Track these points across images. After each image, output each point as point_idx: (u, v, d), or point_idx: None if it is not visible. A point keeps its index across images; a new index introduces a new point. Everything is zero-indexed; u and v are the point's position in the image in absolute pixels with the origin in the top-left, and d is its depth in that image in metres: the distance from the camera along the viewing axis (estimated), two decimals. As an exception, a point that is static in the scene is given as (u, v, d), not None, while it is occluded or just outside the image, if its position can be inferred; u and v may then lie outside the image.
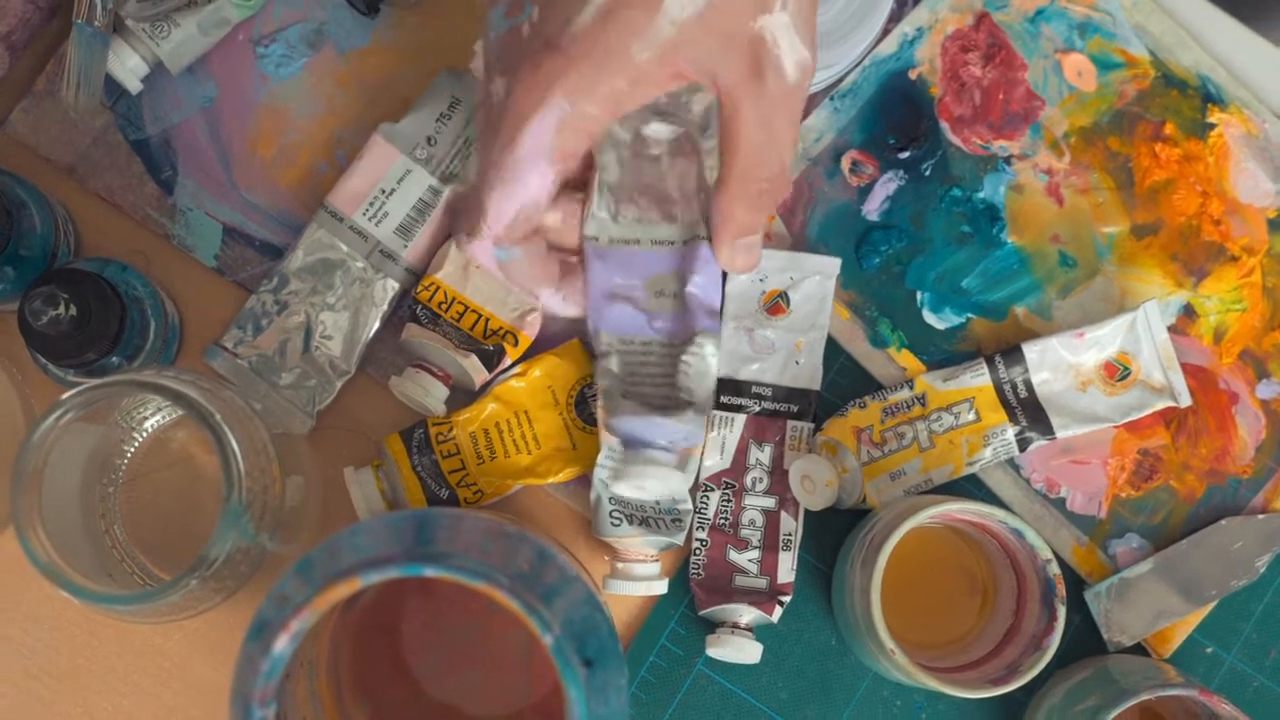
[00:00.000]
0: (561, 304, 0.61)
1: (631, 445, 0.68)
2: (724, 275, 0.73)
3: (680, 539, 0.76)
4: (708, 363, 0.68)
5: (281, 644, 0.56)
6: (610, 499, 0.75)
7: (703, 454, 0.77)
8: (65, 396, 0.63)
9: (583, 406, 0.77)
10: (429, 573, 0.56)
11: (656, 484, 0.70)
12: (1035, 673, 0.70)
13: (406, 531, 0.61)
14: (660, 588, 0.76)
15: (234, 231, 0.79)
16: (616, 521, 0.75)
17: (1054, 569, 0.70)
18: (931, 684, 0.70)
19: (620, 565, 0.76)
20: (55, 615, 0.77)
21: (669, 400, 0.67)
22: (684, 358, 0.67)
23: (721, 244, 0.57)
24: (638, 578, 0.76)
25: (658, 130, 0.64)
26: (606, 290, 0.68)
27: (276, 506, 0.68)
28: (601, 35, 0.49)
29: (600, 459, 0.75)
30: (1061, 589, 0.70)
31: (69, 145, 0.79)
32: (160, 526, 0.76)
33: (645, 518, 0.75)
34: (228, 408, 0.66)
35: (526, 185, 0.53)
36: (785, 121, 0.52)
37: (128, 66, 0.77)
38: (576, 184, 0.65)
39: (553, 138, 0.51)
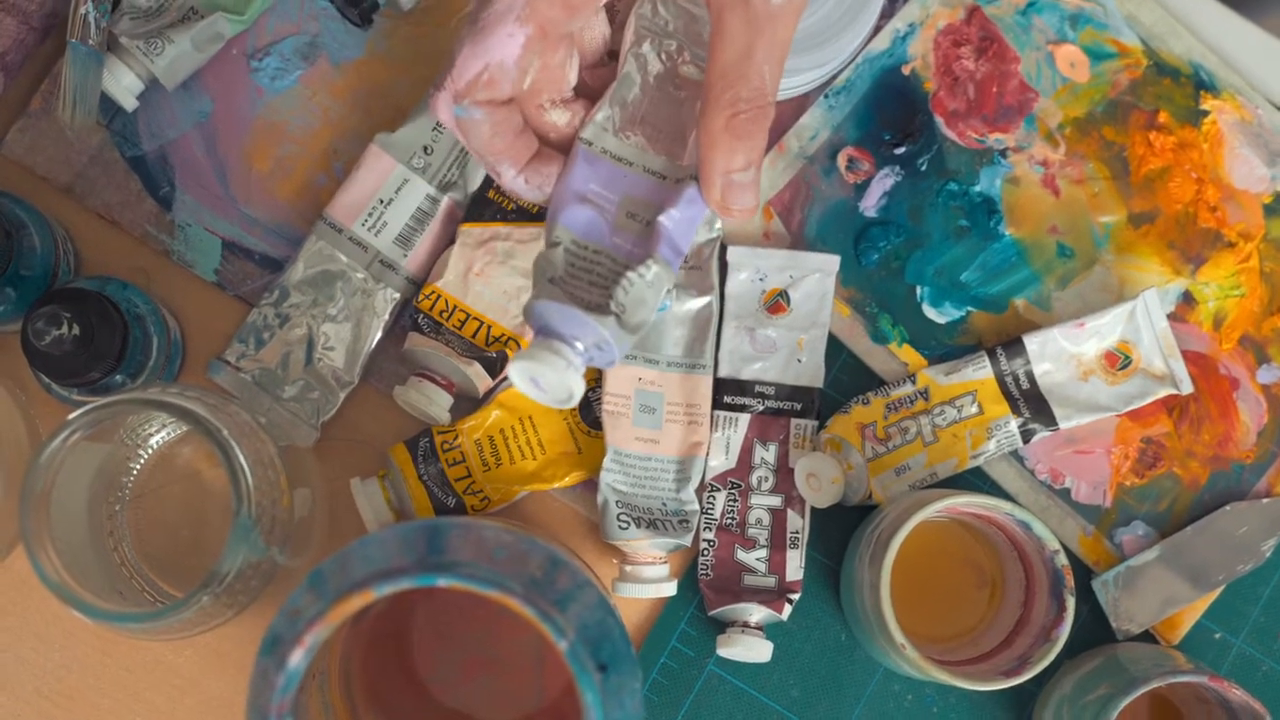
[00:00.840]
0: (524, 187, 0.59)
1: (542, 332, 0.62)
2: (703, 229, 0.74)
3: (688, 540, 0.76)
4: (649, 288, 0.63)
5: (297, 658, 0.56)
6: (617, 503, 0.75)
7: (707, 455, 0.78)
8: (72, 416, 0.64)
9: (587, 410, 0.77)
10: (442, 583, 0.56)
11: (553, 376, 0.60)
12: (1046, 663, 0.70)
13: (417, 541, 0.61)
14: (669, 589, 0.76)
15: (233, 246, 0.79)
16: (624, 525, 0.75)
17: (1061, 560, 0.71)
18: (943, 677, 0.70)
19: (629, 568, 0.76)
20: (65, 635, 0.78)
21: (598, 307, 0.62)
22: (628, 274, 0.63)
23: (709, 178, 0.55)
24: (647, 580, 0.76)
25: (691, 73, 0.63)
26: (580, 192, 0.65)
27: (286, 520, 0.68)
28: None
29: (606, 463, 0.76)
30: (1070, 579, 0.71)
31: (66, 164, 0.79)
32: (168, 543, 0.76)
33: (653, 520, 0.75)
34: (234, 422, 0.66)
35: (492, 43, 0.53)
36: (767, 42, 0.52)
37: (123, 84, 0.77)
38: (595, 92, 0.64)
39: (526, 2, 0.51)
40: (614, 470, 0.76)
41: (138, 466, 0.76)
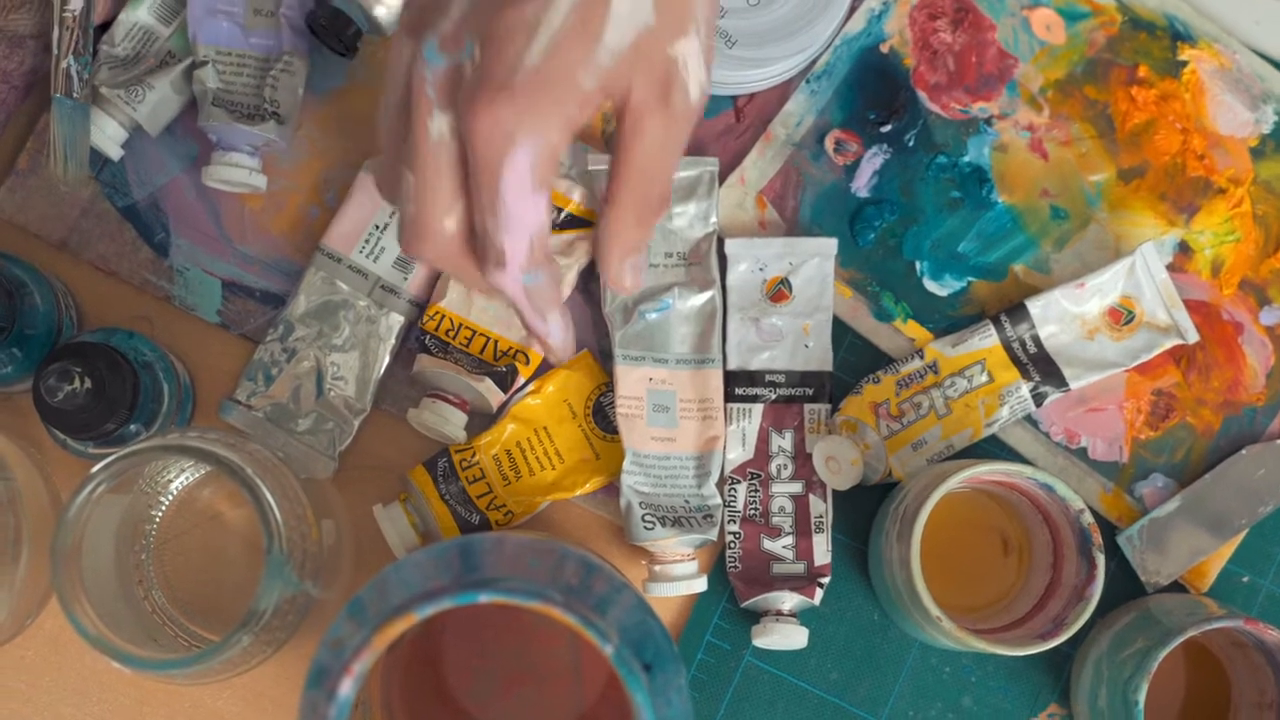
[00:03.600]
0: (562, 326, 0.61)
1: (221, 146, 0.77)
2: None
3: (714, 534, 0.76)
4: (294, 78, 0.77)
5: (345, 688, 0.56)
6: (640, 504, 0.76)
7: (724, 448, 0.78)
8: (95, 470, 0.64)
9: (600, 416, 0.78)
10: (484, 599, 0.56)
11: (239, 175, 0.77)
12: (1081, 623, 0.71)
13: (451, 560, 0.61)
14: (700, 585, 0.77)
15: (233, 285, 0.79)
16: (649, 525, 0.75)
17: (1087, 519, 0.71)
18: (981, 646, 0.70)
19: (658, 568, 0.77)
20: (102, 688, 0.78)
21: (256, 111, 0.76)
22: (272, 72, 0.76)
23: (610, 264, 0.57)
24: (677, 578, 0.76)
25: None
26: (209, 4, 0.76)
27: (316, 552, 0.68)
28: (551, 72, 0.51)
29: (625, 465, 0.76)
30: (1098, 537, 0.71)
31: (58, 220, 0.79)
32: (197, 585, 0.76)
33: (677, 518, 0.76)
34: (255, 460, 0.66)
35: (525, 220, 0.54)
36: (678, 141, 0.55)
37: (107, 134, 0.77)
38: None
39: (530, 174, 0.52)
40: (634, 472, 0.77)
41: (160, 513, 0.76)
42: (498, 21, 0.52)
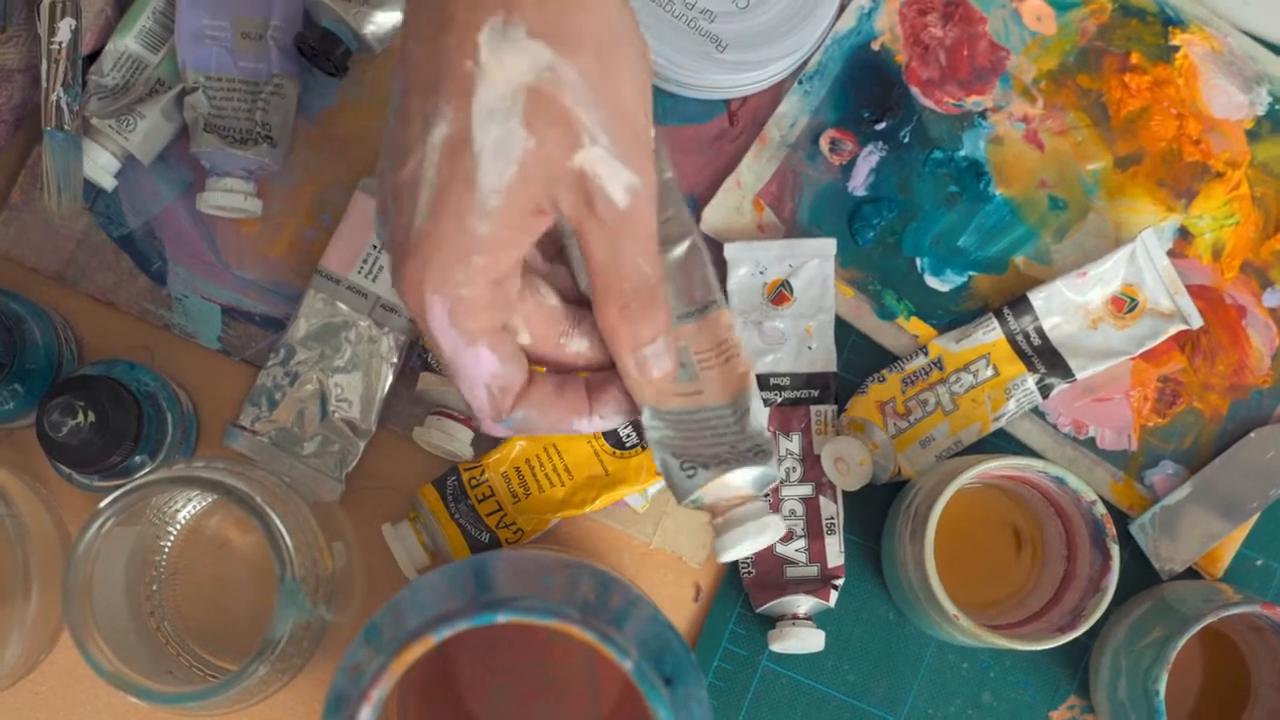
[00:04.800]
0: (602, 423, 0.61)
1: (214, 173, 0.77)
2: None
3: (774, 466, 0.62)
4: (285, 100, 0.77)
5: (365, 715, 0.56)
6: (674, 455, 0.63)
7: (755, 384, 0.69)
8: (104, 504, 0.63)
9: (610, 432, 0.77)
10: (501, 619, 0.56)
11: (235, 200, 0.77)
12: (1099, 614, 0.70)
13: (466, 581, 0.61)
14: (777, 526, 0.61)
15: (233, 311, 0.79)
16: (690, 472, 0.62)
17: (1100, 509, 0.71)
18: (999, 642, 0.70)
19: (720, 520, 0.62)
20: (117, 720, 0.77)
21: (248, 135, 0.76)
22: (263, 95, 0.76)
23: (623, 361, 0.57)
24: (745, 519, 0.61)
25: None
26: (196, 30, 0.77)
27: (328, 576, 0.68)
28: (438, 228, 0.51)
29: (646, 421, 0.63)
30: (1111, 528, 0.71)
31: (54, 252, 0.79)
32: (209, 614, 0.76)
33: (723, 460, 0.63)
34: (264, 488, 0.66)
35: (472, 372, 0.54)
36: (629, 240, 0.54)
37: (99, 165, 0.77)
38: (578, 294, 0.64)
39: (452, 329, 0.53)
40: (659, 426, 0.62)
41: (168, 544, 0.75)
42: (393, 187, 0.53)
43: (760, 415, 0.63)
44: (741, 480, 0.61)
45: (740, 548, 0.60)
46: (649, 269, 0.55)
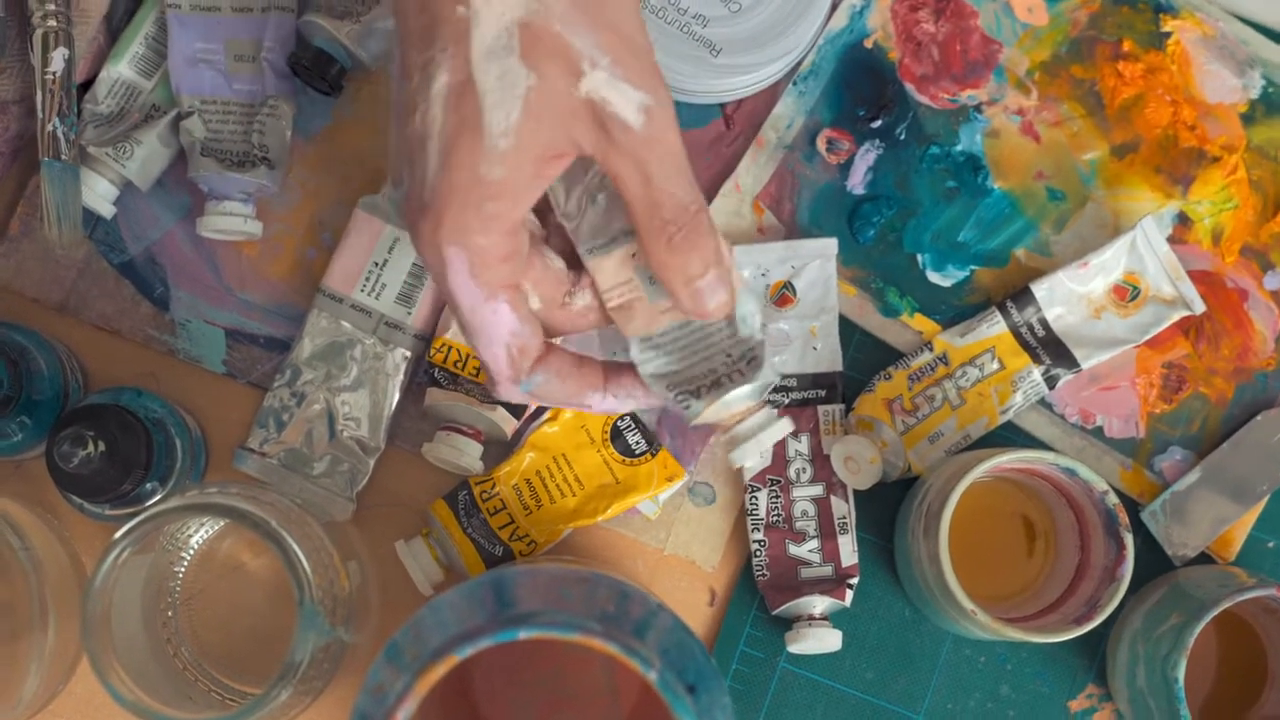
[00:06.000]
0: (615, 404, 0.60)
1: (212, 196, 0.77)
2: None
3: (770, 373, 0.60)
4: (280, 121, 0.76)
5: (391, 735, 0.56)
6: (668, 388, 0.61)
7: (744, 289, 0.66)
8: (119, 535, 0.63)
9: (619, 440, 0.77)
10: (523, 635, 0.56)
11: (234, 223, 0.77)
12: (1115, 603, 0.70)
13: (485, 597, 0.61)
14: (784, 425, 0.62)
15: (236, 334, 0.79)
16: (685, 404, 0.60)
17: (1112, 499, 0.71)
18: (1017, 636, 0.70)
19: (725, 436, 0.62)
20: (138, 748, 0.77)
21: (245, 157, 0.76)
22: (258, 117, 0.76)
23: (676, 293, 0.56)
24: (750, 433, 0.62)
25: None
26: (189, 55, 0.77)
27: (345, 596, 0.68)
28: (450, 179, 0.51)
29: (635, 355, 0.61)
30: (1124, 517, 0.71)
31: (55, 282, 0.79)
32: (226, 638, 0.76)
33: (717, 379, 0.61)
34: (277, 511, 0.66)
35: (491, 330, 0.54)
36: (656, 163, 0.52)
37: (97, 193, 0.77)
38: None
39: (472, 282, 0.52)
40: (651, 358, 0.60)
41: (182, 569, 0.75)
42: (402, 143, 0.52)
43: (753, 318, 0.60)
44: (737, 396, 0.60)
45: (749, 458, 0.62)
46: (684, 193, 0.54)
